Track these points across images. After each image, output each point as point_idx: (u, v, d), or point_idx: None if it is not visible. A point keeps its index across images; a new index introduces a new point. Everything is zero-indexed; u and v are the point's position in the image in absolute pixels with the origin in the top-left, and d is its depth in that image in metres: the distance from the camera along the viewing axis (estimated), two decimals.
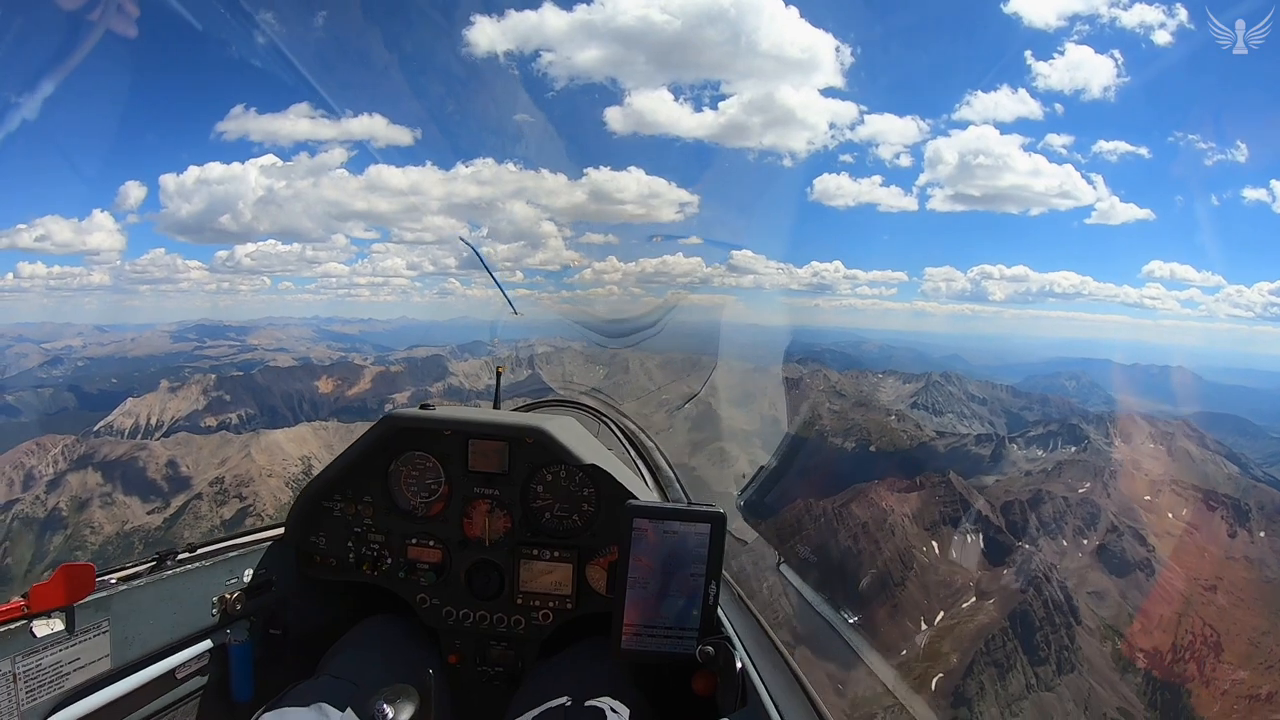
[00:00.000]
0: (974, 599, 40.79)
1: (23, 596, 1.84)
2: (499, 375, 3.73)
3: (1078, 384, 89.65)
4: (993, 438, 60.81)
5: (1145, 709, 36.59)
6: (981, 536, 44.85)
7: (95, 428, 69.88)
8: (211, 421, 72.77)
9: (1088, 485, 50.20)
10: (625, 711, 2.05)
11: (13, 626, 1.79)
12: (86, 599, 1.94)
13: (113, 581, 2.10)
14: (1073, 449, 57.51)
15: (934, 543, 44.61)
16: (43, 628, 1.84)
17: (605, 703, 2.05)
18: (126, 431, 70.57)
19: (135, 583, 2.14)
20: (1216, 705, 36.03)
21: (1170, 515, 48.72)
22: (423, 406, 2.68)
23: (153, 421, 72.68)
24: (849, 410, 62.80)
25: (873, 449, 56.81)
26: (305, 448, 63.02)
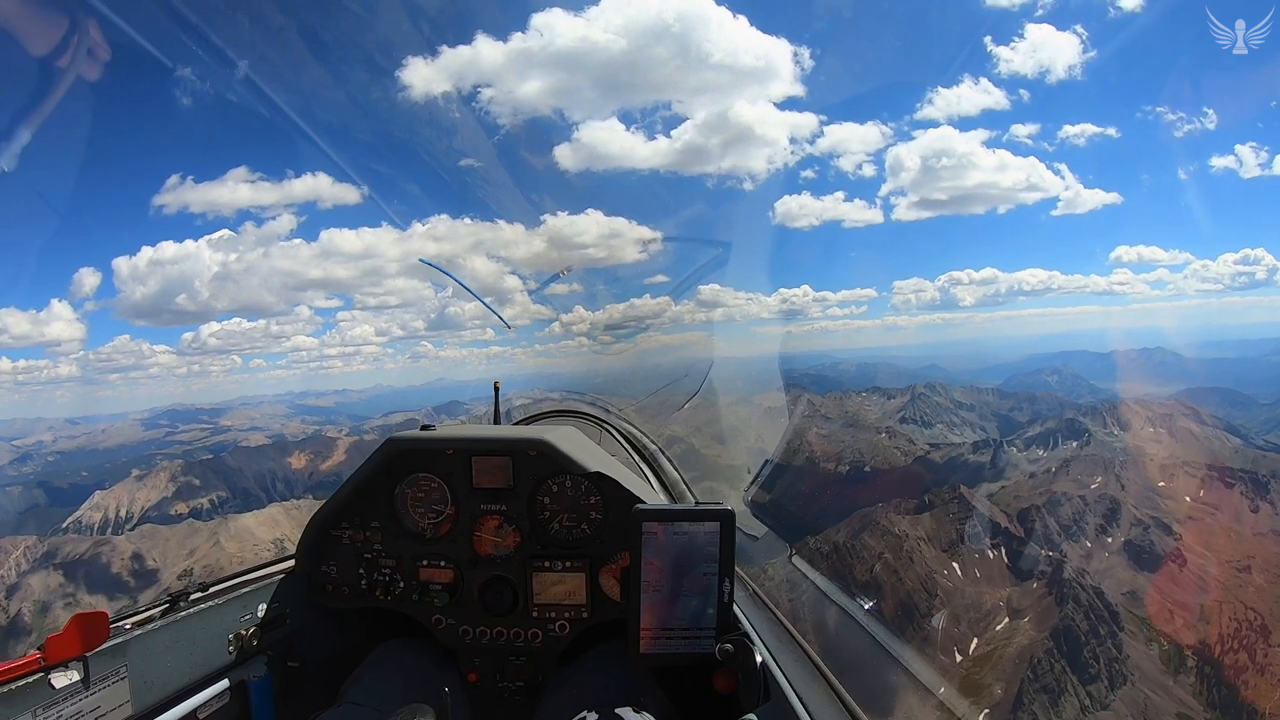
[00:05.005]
0: (1007, 619, 38.50)
1: (39, 649, 1.80)
2: (496, 390, 3.84)
3: (1060, 378, 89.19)
4: (989, 443, 59.14)
5: (1204, 709, 34.30)
6: (1003, 550, 42.79)
7: (64, 524, 67.22)
8: (182, 508, 70.11)
9: (1099, 480, 48.51)
10: (649, 715, 2.03)
11: (30, 680, 1.77)
12: (102, 646, 1.91)
13: (127, 627, 2.07)
14: (1074, 444, 55.99)
15: (955, 564, 42.38)
16: (60, 679, 1.82)
17: (628, 708, 2.03)
18: (96, 526, 67.55)
19: (150, 626, 2.11)
20: (1277, 692, 33.77)
21: (1188, 499, 47.15)
22: (423, 428, 2.67)
23: (122, 514, 69.54)
24: (838, 433, 61.56)
25: (868, 469, 55.42)
26: (277, 530, 60.28)
